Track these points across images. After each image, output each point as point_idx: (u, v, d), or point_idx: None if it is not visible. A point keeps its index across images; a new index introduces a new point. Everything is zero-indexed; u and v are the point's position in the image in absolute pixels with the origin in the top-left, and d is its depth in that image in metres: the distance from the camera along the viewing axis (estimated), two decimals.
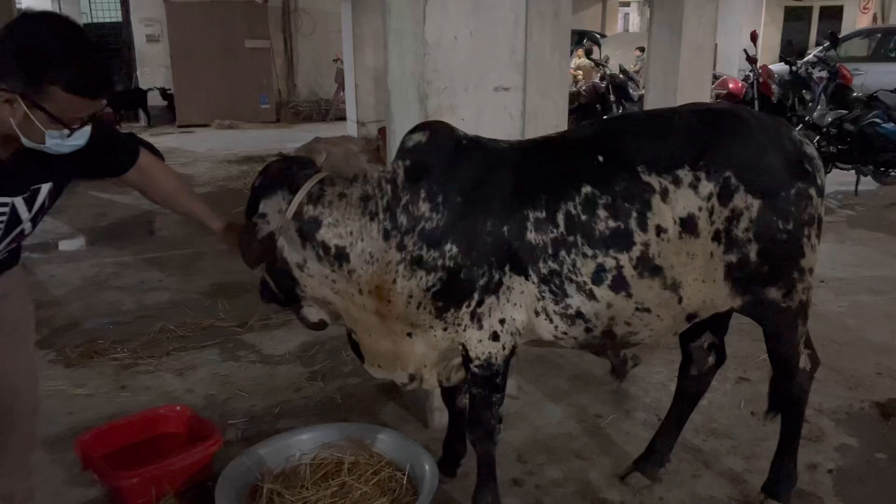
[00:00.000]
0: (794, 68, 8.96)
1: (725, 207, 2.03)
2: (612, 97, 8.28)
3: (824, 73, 8.12)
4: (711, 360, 2.52)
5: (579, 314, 2.08)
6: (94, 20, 17.74)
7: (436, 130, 2.16)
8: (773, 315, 2.19)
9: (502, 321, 2.09)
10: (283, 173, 2.18)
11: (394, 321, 2.14)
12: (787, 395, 2.35)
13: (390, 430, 2.69)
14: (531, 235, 2.03)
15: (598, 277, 2.04)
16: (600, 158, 2.07)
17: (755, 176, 2.04)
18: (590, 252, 2.02)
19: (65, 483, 2.65)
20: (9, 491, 1.99)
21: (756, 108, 8.45)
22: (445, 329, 2.12)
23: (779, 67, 9.45)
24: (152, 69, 13.47)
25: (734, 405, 3.17)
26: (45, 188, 1.75)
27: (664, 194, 2.02)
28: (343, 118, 11.82)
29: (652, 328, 2.14)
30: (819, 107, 7.26)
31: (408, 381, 2.28)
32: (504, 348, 2.12)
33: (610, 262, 2.03)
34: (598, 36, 17.44)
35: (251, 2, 13.07)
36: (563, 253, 2.03)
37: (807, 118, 7.24)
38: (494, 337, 2.10)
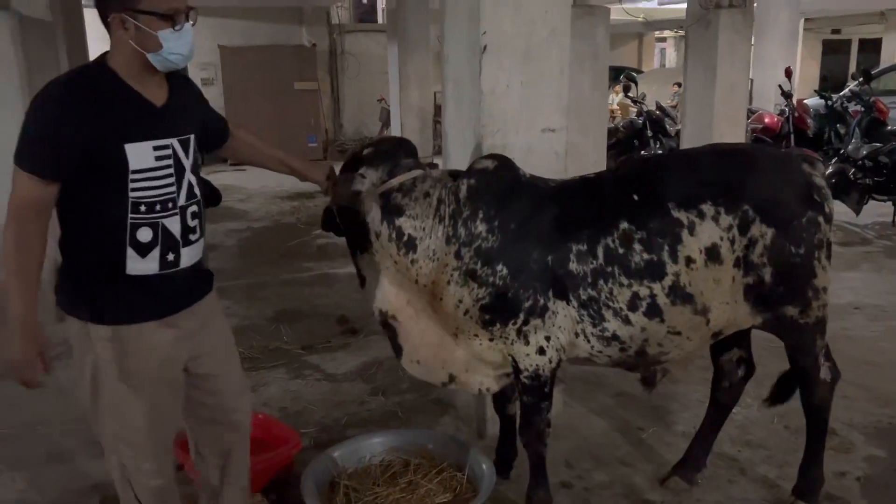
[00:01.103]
0: (829, 102, 9.16)
1: (744, 237, 2.31)
2: (649, 133, 8.55)
3: (859, 107, 8.31)
4: (741, 372, 2.77)
5: (615, 337, 2.37)
6: None
7: (503, 163, 2.47)
8: (792, 331, 2.45)
9: (548, 338, 2.37)
10: (390, 154, 2.46)
11: (443, 317, 2.42)
12: (809, 405, 2.59)
13: (451, 435, 2.98)
14: (573, 265, 2.32)
15: (633, 304, 2.32)
16: (635, 197, 2.36)
17: (769, 208, 2.31)
18: (626, 282, 2.31)
19: None
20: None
21: (792, 142, 8.67)
22: (491, 340, 2.40)
23: (815, 102, 9.65)
24: None
25: (768, 420, 3.38)
26: (193, 139, 2.06)
27: (691, 228, 2.30)
28: None
29: (682, 348, 2.42)
30: (854, 140, 7.44)
31: (447, 381, 2.54)
32: (551, 362, 2.40)
33: (644, 291, 2.31)
34: (635, 73, 17.78)
35: (300, 46, 13.70)
36: (601, 282, 2.32)
37: (842, 151, 7.42)
38: (541, 352, 2.38)
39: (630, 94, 8.87)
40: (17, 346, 1.87)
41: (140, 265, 1.96)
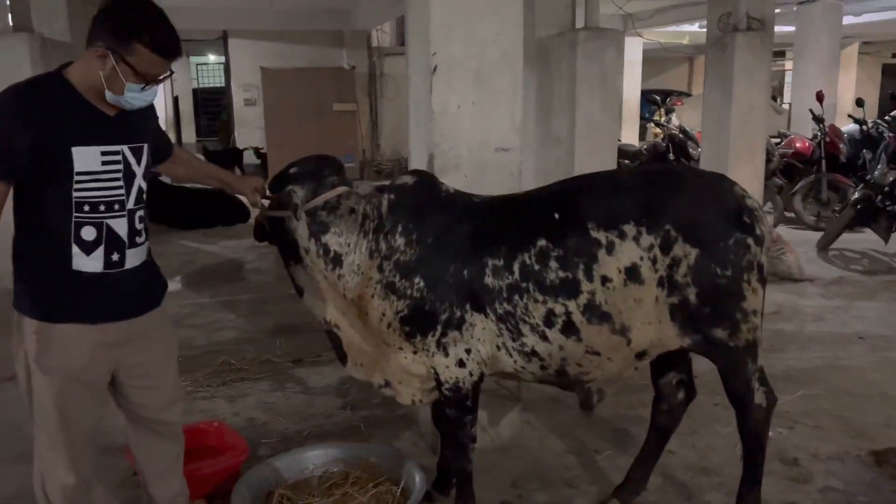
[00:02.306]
0: (864, 128, 8.93)
1: (667, 256, 2.30)
2: (671, 156, 8.47)
3: (892, 133, 8.07)
4: (681, 395, 2.74)
5: (534, 352, 2.38)
6: (202, 85, 19.32)
7: (422, 178, 2.55)
8: (721, 353, 2.42)
9: (468, 351, 2.41)
10: (315, 174, 2.52)
11: (371, 331, 2.49)
12: (744, 430, 2.54)
13: (394, 449, 3.02)
14: (489, 280, 2.36)
15: (549, 321, 2.34)
16: (556, 216, 2.38)
17: (692, 228, 2.30)
18: (540, 298, 2.33)
19: (119, 485, 3.09)
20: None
21: (823, 167, 8.48)
22: (415, 352, 2.45)
23: (852, 127, 9.41)
24: (248, 130, 14.56)
25: (729, 447, 3.30)
26: (146, 148, 2.18)
27: (610, 248, 2.30)
28: None
29: (603, 369, 2.41)
30: (880, 165, 7.22)
31: (383, 385, 2.60)
32: (471, 375, 2.43)
33: (559, 308, 2.33)
34: (685, 95, 17.60)
35: (340, 68, 14.01)
36: (516, 297, 2.35)
37: (868, 177, 7.21)
38: (461, 364, 2.42)
39: (655, 118, 8.80)
40: None
41: (84, 262, 2.07)
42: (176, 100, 19.62)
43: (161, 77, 2.07)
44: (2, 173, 1.98)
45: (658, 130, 14.83)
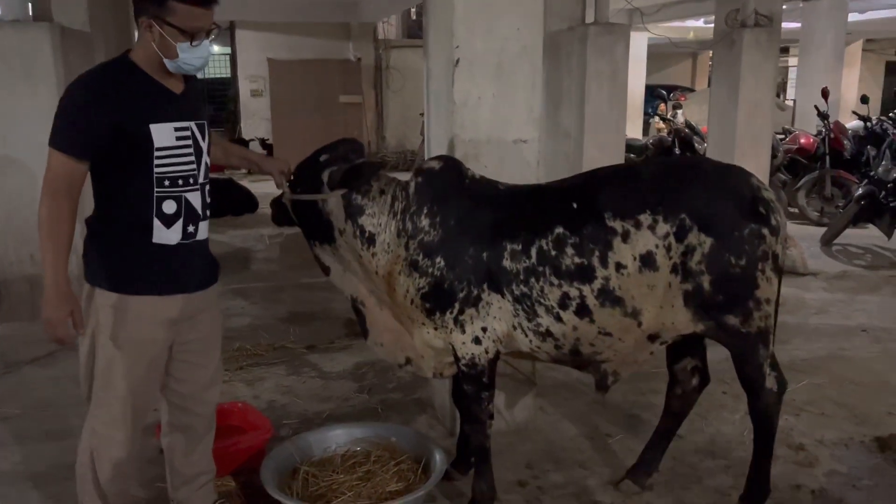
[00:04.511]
0: (868, 124, 9.01)
1: (682, 244, 2.39)
2: (677, 150, 8.55)
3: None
4: (695, 381, 2.84)
5: (549, 333, 2.49)
6: (207, 76, 19.34)
7: (448, 163, 2.67)
8: (734, 339, 2.51)
9: (484, 329, 2.52)
10: (344, 159, 2.62)
11: (398, 307, 2.59)
12: (755, 413, 2.64)
13: (413, 430, 3.12)
14: (507, 262, 2.48)
15: (563, 303, 2.45)
16: (574, 205, 2.48)
17: (707, 217, 2.39)
18: (556, 281, 2.44)
19: (149, 462, 3.18)
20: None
21: (827, 163, 8.56)
22: (436, 328, 2.56)
23: (857, 124, 9.49)
24: (255, 121, 14.62)
25: (738, 433, 3.41)
26: (206, 125, 2.31)
27: (625, 236, 2.40)
28: None
29: (615, 349, 2.52)
30: (884, 162, 7.30)
31: (403, 363, 2.73)
32: (487, 352, 2.55)
33: (574, 292, 2.43)
34: (689, 91, 17.64)
35: (346, 60, 14.07)
36: (532, 280, 2.45)
37: (872, 173, 7.30)
38: (477, 341, 2.53)
39: (659, 113, 8.88)
40: (50, 306, 2.10)
41: (165, 234, 2.21)
42: None
43: (207, 29, 2.15)
44: (82, 153, 2.10)
45: (662, 125, 14.95)
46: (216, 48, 19.61)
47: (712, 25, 7.16)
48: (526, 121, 3.18)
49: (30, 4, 5.22)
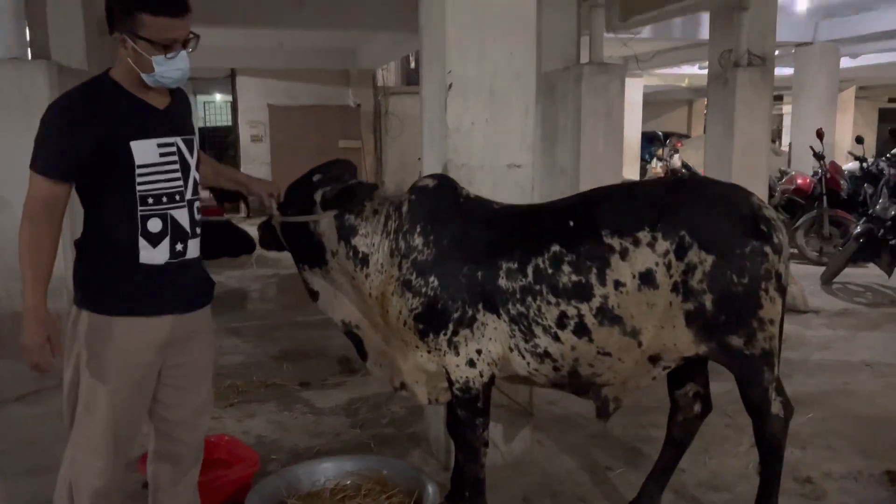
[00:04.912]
0: (864, 165, 9.03)
1: (682, 261, 2.33)
2: None
3: (893, 169, 8.18)
4: (697, 408, 2.74)
5: (547, 353, 2.41)
6: (208, 125, 19.57)
7: (441, 181, 2.62)
8: (738, 362, 2.43)
9: (479, 351, 2.44)
10: (337, 179, 2.60)
11: (391, 329, 2.52)
12: (761, 440, 2.54)
13: (405, 463, 3.01)
14: (502, 281, 2.41)
15: (561, 323, 2.37)
16: (571, 223, 2.43)
17: (708, 235, 2.34)
18: (553, 300, 2.37)
19: (130, 497, 3.07)
20: None
21: (825, 202, 8.55)
22: (429, 352, 2.48)
23: (853, 165, 9.52)
24: (255, 166, 14.65)
25: (743, 466, 3.30)
26: (195, 140, 2.25)
27: (623, 254, 2.35)
28: None
29: (615, 370, 2.43)
30: (881, 200, 7.29)
31: (399, 388, 2.64)
32: (481, 375, 2.46)
33: (572, 311, 2.36)
34: (684, 137, 17.81)
35: (346, 106, 14.22)
36: (529, 299, 2.39)
37: (870, 211, 7.28)
38: (471, 364, 2.45)
39: (657, 155, 8.92)
40: (28, 332, 2.03)
41: (151, 254, 2.13)
42: None
43: (183, 40, 2.09)
44: (62, 175, 2.05)
45: (658, 170, 15.04)
46: (218, 97, 19.89)
47: (706, 71, 7.24)
48: (519, 146, 3.15)
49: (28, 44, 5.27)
